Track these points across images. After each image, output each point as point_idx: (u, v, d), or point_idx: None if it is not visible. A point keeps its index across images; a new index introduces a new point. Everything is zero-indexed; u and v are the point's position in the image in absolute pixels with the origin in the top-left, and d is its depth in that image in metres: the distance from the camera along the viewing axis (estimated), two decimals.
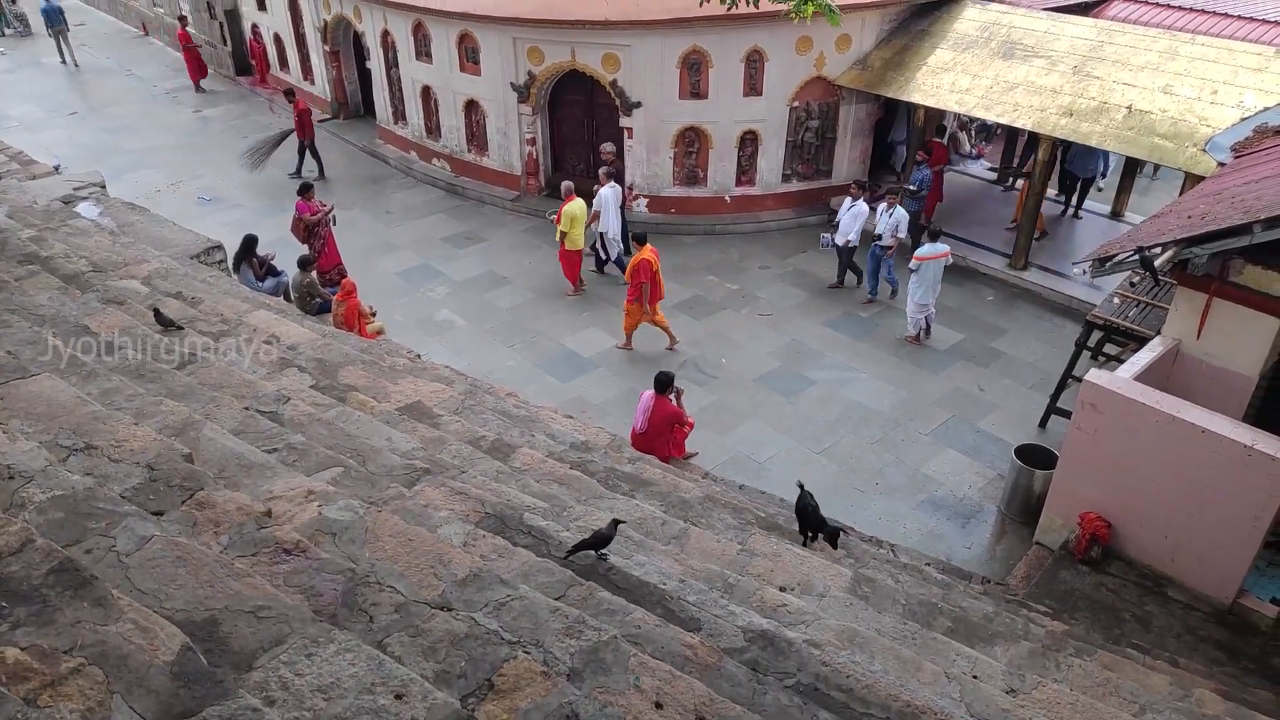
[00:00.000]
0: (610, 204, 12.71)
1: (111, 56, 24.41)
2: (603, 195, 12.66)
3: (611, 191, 12.75)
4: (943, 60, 13.47)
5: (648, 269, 10.72)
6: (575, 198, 12.31)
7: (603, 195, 12.66)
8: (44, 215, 10.78)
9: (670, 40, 13.53)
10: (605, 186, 12.75)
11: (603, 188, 12.74)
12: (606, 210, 12.73)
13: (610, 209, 12.74)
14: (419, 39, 15.57)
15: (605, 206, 12.69)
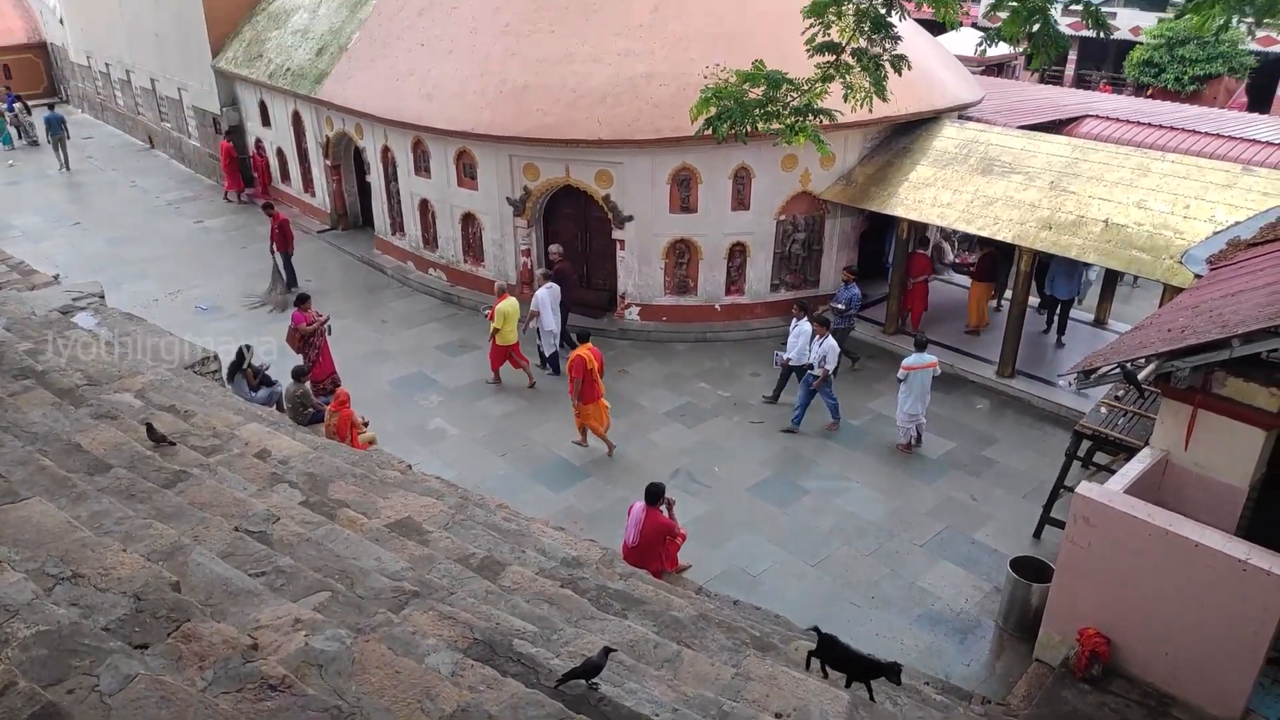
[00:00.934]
0: (546, 304, 13.26)
1: (117, 169, 25.10)
2: (539, 296, 13.31)
3: (548, 292, 13.32)
4: (924, 176, 13.96)
5: (580, 366, 11.05)
6: (509, 296, 13.08)
7: (539, 296, 13.31)
8: (42, 326, 10.88)
9: (661, 158, 14.03)
10: (543, 287, 13.40)
11: (540, 288, 13.40)
12: (543, 310, 13.25)
13: (546, 308, 13.27)
14: (418, 155, 16.10)
15: (542, 306, 13.23)
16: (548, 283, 13.50)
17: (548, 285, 13.46)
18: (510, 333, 12.99)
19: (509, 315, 12.87)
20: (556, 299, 13.47)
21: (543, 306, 13.28)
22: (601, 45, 14.38)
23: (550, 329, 13.44)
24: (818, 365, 11.75)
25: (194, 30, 21.56)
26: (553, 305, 13.39)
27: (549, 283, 13.50)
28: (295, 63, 18.64)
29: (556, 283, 13.61)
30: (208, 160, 23.49)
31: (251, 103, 21.06)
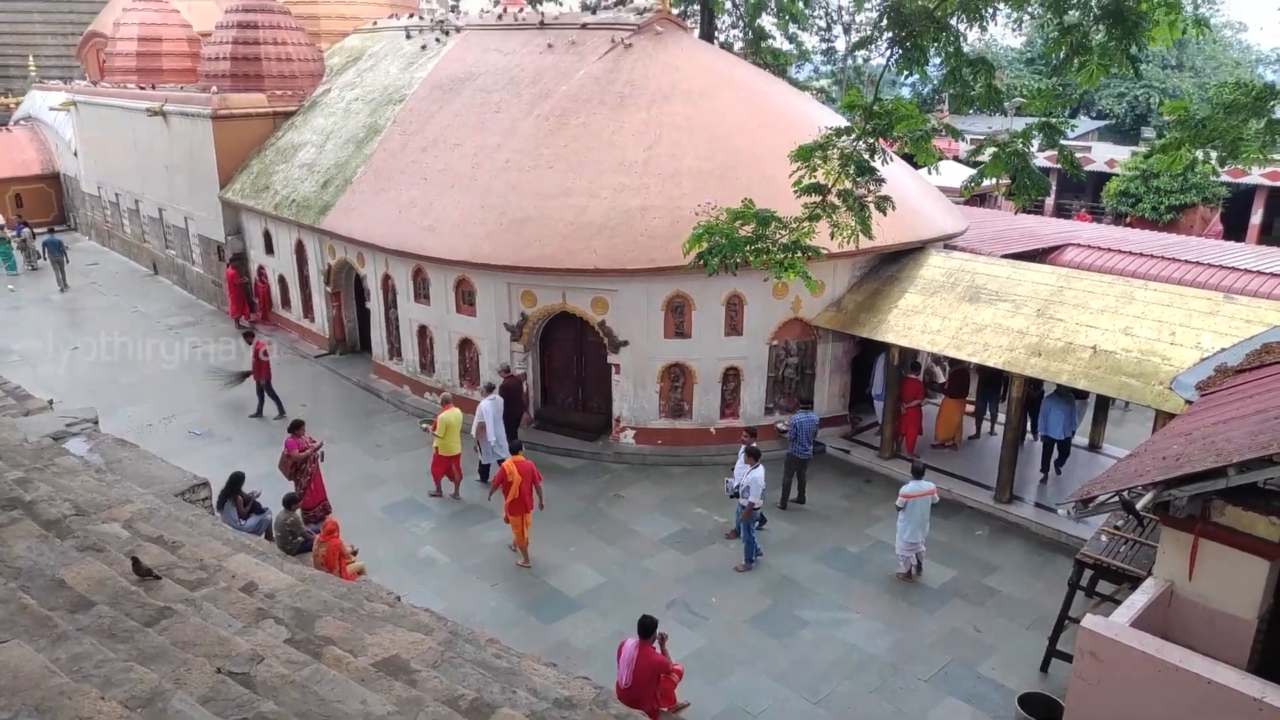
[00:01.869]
0: (489, 415, 13.47)
1: (120, 294, 25.50)
2: (482, 407, 13.51)
3: (491, 404, 13.59)
4: (913, 303, 14.25)
5: (501, 476, 11.46)
6: (452, 407, 13.45)
7: (482, 407, 13.51)
8: (33, 454, 10.78)
9: (655, 285, 14.34)
10: (486, 399, 13.66)
11: (484, 400, 13.64)
12: (487, 421, 13.48)
13: (490, 420, 13.48)
14: (418, 283, 16.43)
15: (485, 417, 13.45)
16: (492, 395, 13.84)
17: (491, 398, 13.77)
18: (453, 443, 13.32)
19: (451, 425, 13.17)
20: (499, 411, 13.73)
21: (486, 418, 13.48)
22: (598, 180, 14.92)
23: (491, 441, 13.51)
24: (743, 496, 11.51)
25: (204, 163, 22.35)
26: (496, 417, 13.60)
27: (494, 395, 13.84)
28: (301, 194, 19.25)
29: (504, 397, 13.97)
30: (210, 286, 23.92)
31: (256, 231, 21.62)
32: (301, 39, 23.42)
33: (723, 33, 36.36)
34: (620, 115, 15.87)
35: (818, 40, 38.66)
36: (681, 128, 15.56)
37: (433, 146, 17.38)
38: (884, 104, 6.45)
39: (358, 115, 20.25)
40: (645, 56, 16.91)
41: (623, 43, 17.13)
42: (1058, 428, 13.66)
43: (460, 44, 20.38)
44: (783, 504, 13.31)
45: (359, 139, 19.38)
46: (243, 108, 22.00)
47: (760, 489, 11.49)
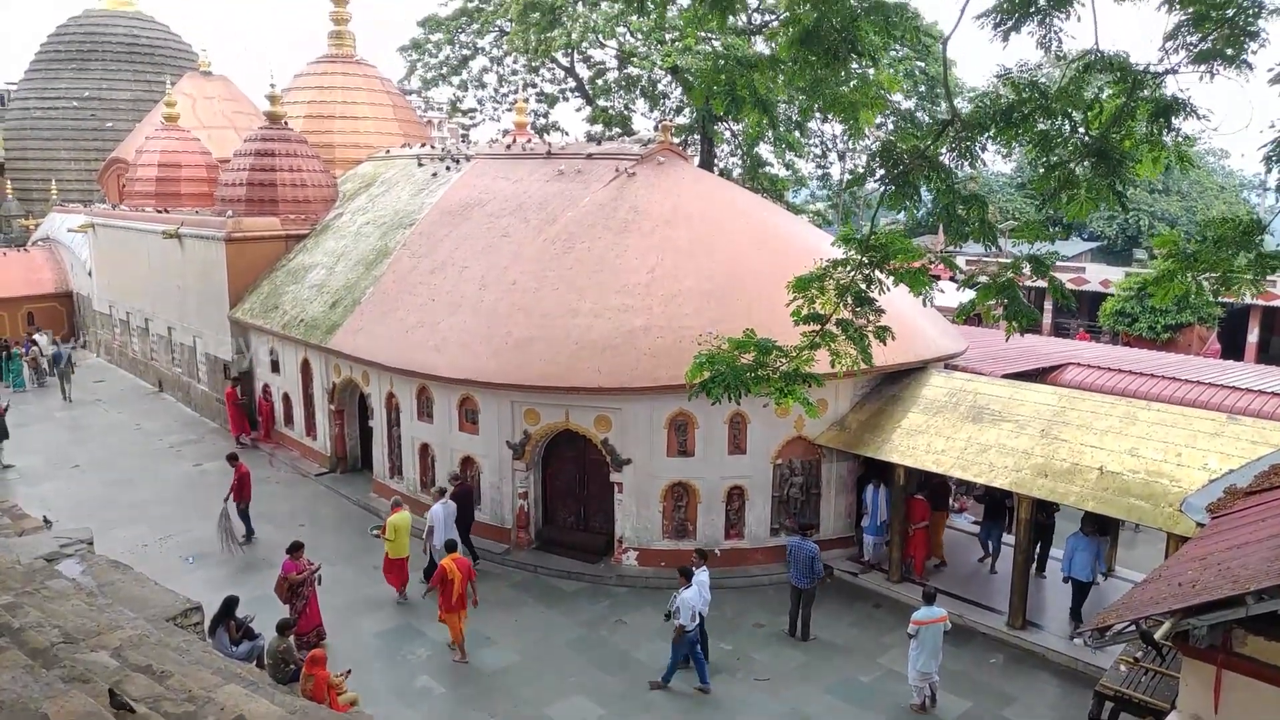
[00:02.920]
0: (440, 520, 13.84)
1: (124, 411, 25.57)
2: (433, 512, 13.92)
3: (443, 509, 13.96)
4: (916, 423, 14.25)
5: (440, 575, 11.85)
6: (402, 510, 13.84)
7: (433, 512, 13.92)
8: (25, 577, 10.58)
9: (658, 404, 14.38)
10: (438, 504, 14.05)
11: (436, 505, 14.04)
12: (437, 525, 13.80)
13: (440, 524, 13.81)
14: (422, 401, 16.50)
15: (436, 521, 13.82)
16: (443, 499, 14.22)
17: (443, 502, 14.14)
18: (403, 545, 13.68)
19: (400, 528, 13.56)
20: (452, 516, 14.13)
21: (436, 522, 13.81)
22: (602, 301, 15.19)
23: (439, 546, 13.49)
24: (674, 618, 11.26)
25: (215, 284, 22.83)
26: (446, 521, 13.95)
27: (445, 499, 14.23)
28: (309, 314, 19.57)
29: (456, 503, 14.37)
30: (214, 404, 24.02)
31: (263, 350, 21.87)
32: (316, 166, 24.32)
33: (722, 160, 37.77)
34: (624, 239, 16.30)
35: (813, 166, 40.10)
36: (683, 251, 15.95)
37: (441, 269, 17.78)
38: (879, 236, 6.65)
39: (369, 238, 20.81)
40: (648, 184, 17.50)
41: (626, 171, 17.76)
42: (1085, 569, 12.69)
43: (470, 172, 21.14)
44: (790, 632, 12.95)
45: (369, 261, 19.84)
46: (256, 231, 22.64)
47: (692, 609, 11.21)
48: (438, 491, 14.65)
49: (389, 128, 28.13)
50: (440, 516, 13.82)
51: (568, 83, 40.58)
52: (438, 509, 13.90)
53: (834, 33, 5.84)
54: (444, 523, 13.86)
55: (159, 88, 35.44)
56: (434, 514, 13.83)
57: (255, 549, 15.81)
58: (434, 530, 13.73)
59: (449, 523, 14.00)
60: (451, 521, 14.08)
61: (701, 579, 11.65)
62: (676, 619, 11.24)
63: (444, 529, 13.80)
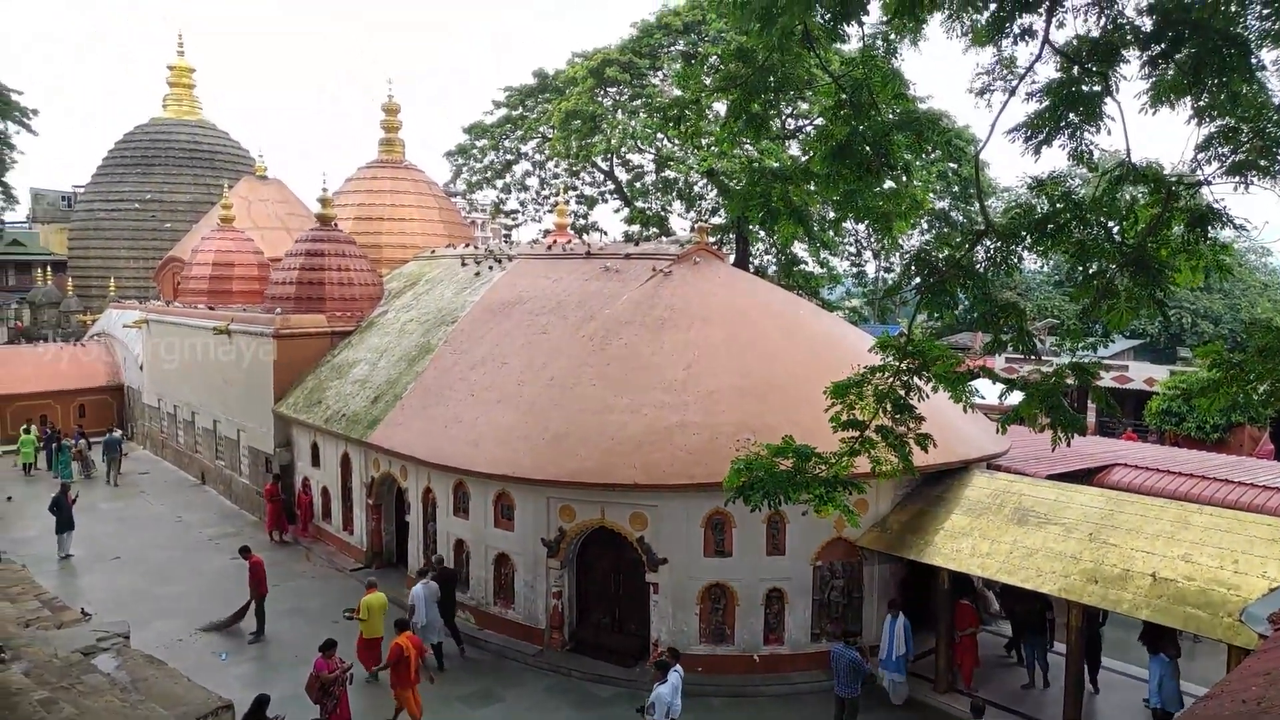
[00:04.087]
0: (420, 599, 14.37)
1: (166, 503, 25.89)
2: (415, 591, 14.49)
3: (424, 589, 14.52)
4: (959, 525, 13.94)
5: (395, 652, 12.30)
6: (375, 590, 14.46)
7: (415, 591, 14.49)
8: (61, 671, 10.61)
9: (694, 503, 14.26)
10: (419, 584, 14.63)
11: (418, 585, 14.60)
12: (418, 605, 14.29)
13: (420, 604, 14.33)
14: (459, 496, 16.54)
15: (417, 601, 14.33)
16: (425, 580, 14.79)
17: (424, 582, 14.71)
18: (376, 625, 14.10)
19: (374, 609, 14.05)
20: (431, 595, 14.61)
21: (417, 601, 14.32)
22: (639, 398, 15.28)
23: (420, 624, 14.11)
24: (648, 713, 10.92)
25: (262, 378, 23.37)
26: (427, 600, 14.47)
27: (427, 580, 14.79)
28: (351, 409, 19.89)
29: (440, 583, 14.90)
30: (254, 497, 24.25)
31: (305, 444, 22.17)
32: (363, 265, 25.12)
33: (757, 258, 38.33)
34: (660, 336, 16.49)
35: (848, 264, 40.47)
36: (719, 349, 16.08)
37: (481, 365, 18.07)
38: (917, 343, 6.68)
39: (412, 335, 21.28)
40: (684, 283, 17.80)
41: (663, 271, 18.11)
42: (1176, 697, 11.91)
43: (512, 271, 21.69)
44: None
45: (411, 357, 20.24)
46: (303, 327, 23.27)
47: (667, 705, 10.86)
48: (419, 573, 15.37)
49: (434, 229, 29.08)
50: (421, 596, 14.38)
51: (607, 185, 41.84)
52: (419, 589, 14.49)
53: (866, 147, 6.02)
54: (424, 602, 14.37)
55: (217, 191, 37.14)
56: (415, 594, 14.45)
57: (288, 645, 15.66)
58: (415, 609, 14.27)
59: (430, 603, 14.48)
60: (433, 602, 14.57)
61: (674, 680, 11.36)
62: (650, 714, 10.97)
63: (424, 609, 14.32)
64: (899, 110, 6.71)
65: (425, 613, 14.35)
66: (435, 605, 14.67)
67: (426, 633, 14.30)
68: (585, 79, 34.88)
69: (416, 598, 14.38)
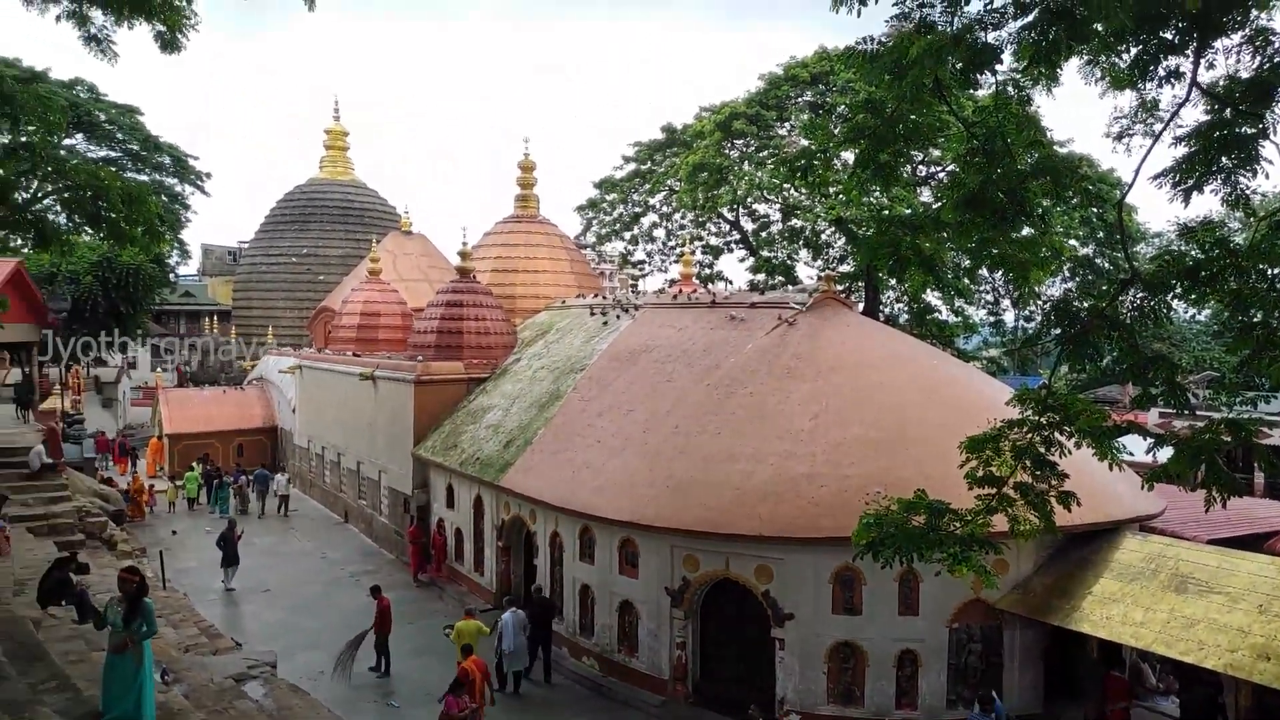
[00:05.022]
0: (508, 626, 15.45)
1: (312, 540, 27.34)
2: (503, 619, 15.64)
3: (512, 616, 15.61)
4: (1110, 590, 13.06)
5: (461, 674, 12.89)
6: (472, 618, 15.46)
7: (503, 619, 15.64)
8: (216, 695, 11.32)
9: (822, 556, 13.95)
10: (508, 612, 15.80)
11: (506, 612, 15.80)
12: (505, 632, 15.41)
13: (508, 631, 15.42)
14: (584, 542, 16.77)
15: (505, 628, 15.45)
16: (513, 609, 15.91)
17: (513, 611, 15.82)
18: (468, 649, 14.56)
19: (465, 633, 14.76)
20: (519, 623, 15.61)
21: (505, 628, 15.39)
22: (764, 447, 15.16)
23: (509, 651, 15.30)
24: None
25: (403, 422, 24.52)
26: (515, 629, 15.47)
27: (514, 609, 15.87)
28: (484, 453, 20.57)
29: (535, 613, 15.97)
30: (393, 536, 25.30)
31: (441, 486, 23.04)
32: (499, 315, 26.15)
33: (887, 306, 37.54)
34: (786, 385, 16.36)
35: (984, 313, 39.02)
36: (847, 399, 15.80)
37: (608, 411, 18.39)
38: (1058, 396, 6.39)
39: (542, 382, 21.90)
40: (811, 332, 17.64)
41: (788, 320, 18.02)
42: None
43: (638, 320, 22.08)
44: None
45: (542, 403, 20.81)
46: (442, 374, 24.35)
47: None
48: (507, 601, 16.86)
49: (565, 279, 29.99)
50: (509, 624, 15.47)
51: (732, 235, 42.12)
52: (508, 616, 15.64)
53: (1000, 194, 5.89)
54: (512, 630, 15.42)
55: (366, 245, 39.56)
56: (504, 621, 15.61)
57: (422, 683, 16.13)
58: (502, 635, 15.39)
59: (517, 631, 15.52)
60: (520, 630, 15.57)
61: None
62: None
63: (511, 636, 15.38)
64: (1035, 156, 6.53)
65: (512, 640, 15.35)
66: (523, 633, 15.62)
67: (511, 659, 15.46)
68: (712, 132, 35.44)
69: (505, 624, 15.45)
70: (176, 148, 46.77)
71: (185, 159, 47.74)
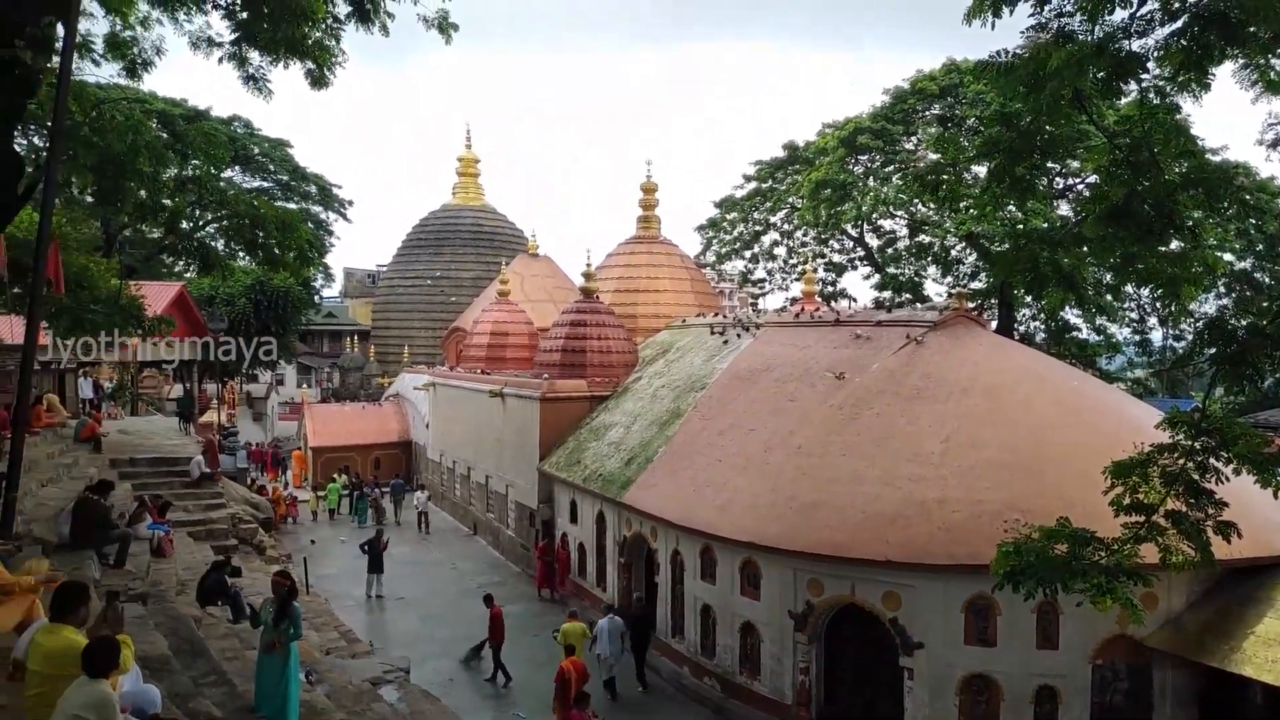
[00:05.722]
0: (604, 632, 16.22)
1: (442, 550, 28.38)
2: (599, 624, 16.48)
3: (608, 622, 16.44)
4: (1276, 631, 12.02)
5: (559, 673, 13.61)
6: (576, 620, 16.34)
7: (599, 624, 16.48)
8: (355, 697, 11.89)
9: (954, 584, 13.44)
10: (605, 618, 16.64)
11: (603, 618, 16.64)
12: (600, 637, 16.15)
13: (604, 636, 16.18)
14: (706, 561, 16.74)
15: (600, 634, 16.21)
16: (610, 615, 16.80)
17: (610, 617, 16.69)
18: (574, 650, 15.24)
19: (570, 635, 15.51)
20: (615, 629, 16.38)
21: (600, 633, 16.17)
22: (892, 470, 14.78)
23: (604, 655, 15.99)
24: None
25: (529, 438, 25.18)
26: (610, 634, 16.22)
27: (611, 615, 16.76)
28: (607, 469, 20.87)
29: (631, 621, 16.99)
30: (518, 549, 25.95)
31: (564, 501, 23.49)
32: (621, 334, 26.56)
33: (1023, 324, 35.96)
34: (915, 407, 15.91)
35: (1129, 331, 36.75)
36: (981, 421, 15.22)
37: (729, 430, 18.34)
38: (1213, 419, 5.99)
39: (663, 400, 22.07)
40: (941, 351, 17.11)
41: (917, 338, 17.53)
42: None
43: (759, 339, 21.96)
44: None
45: (662, 421, 20.96)
46: (566, 392, 24.90)
47: None
48: (605, 608, 17.81)
49: (686, 299, 30.18)
50: (605, 630, 16.25)
51: (856, 252, 41.33)
52: (604, 622, 16.47)
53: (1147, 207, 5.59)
54: (607, 635, 16.17)
55: (495, 267, 40.97)
56: (600, 626, 16.42)
57: (539, 696, 16.39)
58: (598, 639, 16.17)
59: (613, 637, 16.25)
60: (616, 636, 16.31)
61: None
62: None
63: (606, 641, 16.10)
64: (1185, 166, 6.17)
65: (607, 645, 16.08)
66: (618, 639, 16.35)
67: (605, 665, 16.15)
68: (836, 148, 34.97)
69: (600, 630, 16.26)
70: (322, 177, 49.83)
71: (329, 188, 50.78)
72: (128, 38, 14.28)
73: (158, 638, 9.75)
